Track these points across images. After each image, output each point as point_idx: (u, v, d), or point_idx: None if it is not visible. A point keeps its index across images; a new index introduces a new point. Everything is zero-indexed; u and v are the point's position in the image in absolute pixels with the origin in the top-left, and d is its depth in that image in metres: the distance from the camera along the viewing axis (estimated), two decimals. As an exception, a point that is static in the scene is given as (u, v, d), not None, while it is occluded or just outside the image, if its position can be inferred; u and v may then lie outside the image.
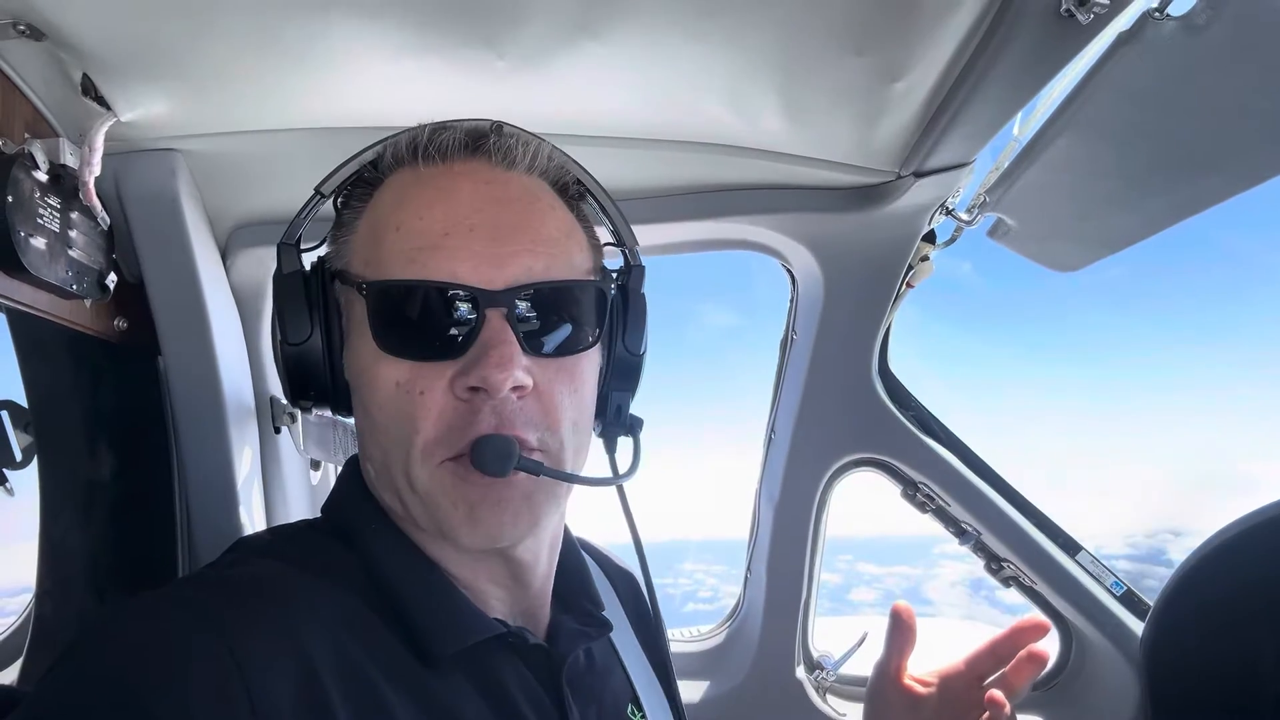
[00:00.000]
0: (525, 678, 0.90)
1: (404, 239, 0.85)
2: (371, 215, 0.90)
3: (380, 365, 0.85)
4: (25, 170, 1.13)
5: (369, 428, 0.89)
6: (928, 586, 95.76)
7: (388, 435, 0.85)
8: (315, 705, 0.72)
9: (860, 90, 1.19)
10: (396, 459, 0.85)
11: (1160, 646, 1.60)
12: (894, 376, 1.77)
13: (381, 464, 0.88)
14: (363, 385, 0.87)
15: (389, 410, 0.84)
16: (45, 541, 1.48)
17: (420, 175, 0.89)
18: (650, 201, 1.54)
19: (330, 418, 1.68)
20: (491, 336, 0.82)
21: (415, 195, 0.88)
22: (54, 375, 1.44)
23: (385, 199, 0.90)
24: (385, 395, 0.84)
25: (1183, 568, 1.55)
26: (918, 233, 1.53)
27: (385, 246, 0.86)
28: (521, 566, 0.94)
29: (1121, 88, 1.08)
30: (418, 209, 0.86)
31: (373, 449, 0.89)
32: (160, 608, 0.74)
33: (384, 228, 0.87)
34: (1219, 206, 1.26)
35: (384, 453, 0.87)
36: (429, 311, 0.83)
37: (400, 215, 0.87)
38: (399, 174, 0.91)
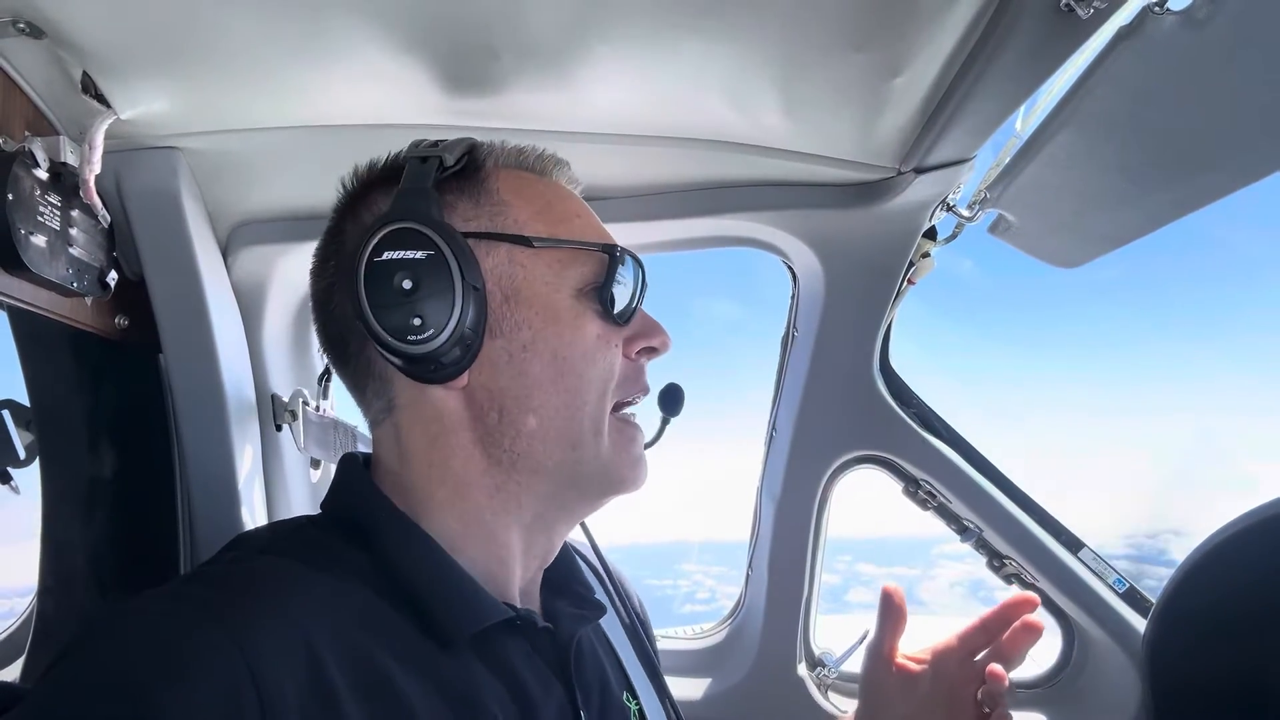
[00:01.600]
0: (534, 660, 0.92)
1: (586, 227, 0.99)
2: (528, 196, 0.98)
3: (585, 318, 0.94)
4: (25, 168, 1.13)
5: (555, 375, 0.93)
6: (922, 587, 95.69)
7: (584, 379, 0.93)
8: (324, 696, 0.72)
9: (860, 86, 1.19)
10: (588, 401, 0.94)
11: (1163, 644, 1.59)
12: (895, 373, 1.77)
13: (561, 410, 0.93)
14: (560, 334, 0.93)
15: (591, 357, 0.94)
16: (47, 539, 1.48)
17: (552, 184, 1.03)
18: (649, 199, 1.54)
19: (330, 417, 1.68)
20: (649, 313, 1.02)
21: (566, 194, 1.02)
22: (55, 373, 1.44)
23: (538, 189, 1.00)
24: (590, 345, 0.94)
25: (1185, 565, 1.55)
26: (919, 229, 1.53)
27: (575, 226, 0.98)
28: (558, 542, 1.03)
29: (1122, 83, 1.08)
30: (580, 206, 1.02)
31: (554, 396, 0.93)
32: (164, 604, 0.74)
33: (563, 211, 0.99)
34: (1221, 202, 1.26)
35: (573, 396, 0.93)
36: (636, 282, 0.99)
37: (571, 205, 1.01)
38: (521, 174, 1.01)
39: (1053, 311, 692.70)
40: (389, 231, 0.87)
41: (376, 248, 0.87)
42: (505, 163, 1.00)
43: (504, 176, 0.98)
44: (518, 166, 1.01)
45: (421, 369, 0.90)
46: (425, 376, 0.91)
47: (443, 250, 0.87)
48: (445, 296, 0.86)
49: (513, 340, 0.92)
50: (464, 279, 0.87)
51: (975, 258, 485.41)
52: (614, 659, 1.10)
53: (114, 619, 0.73)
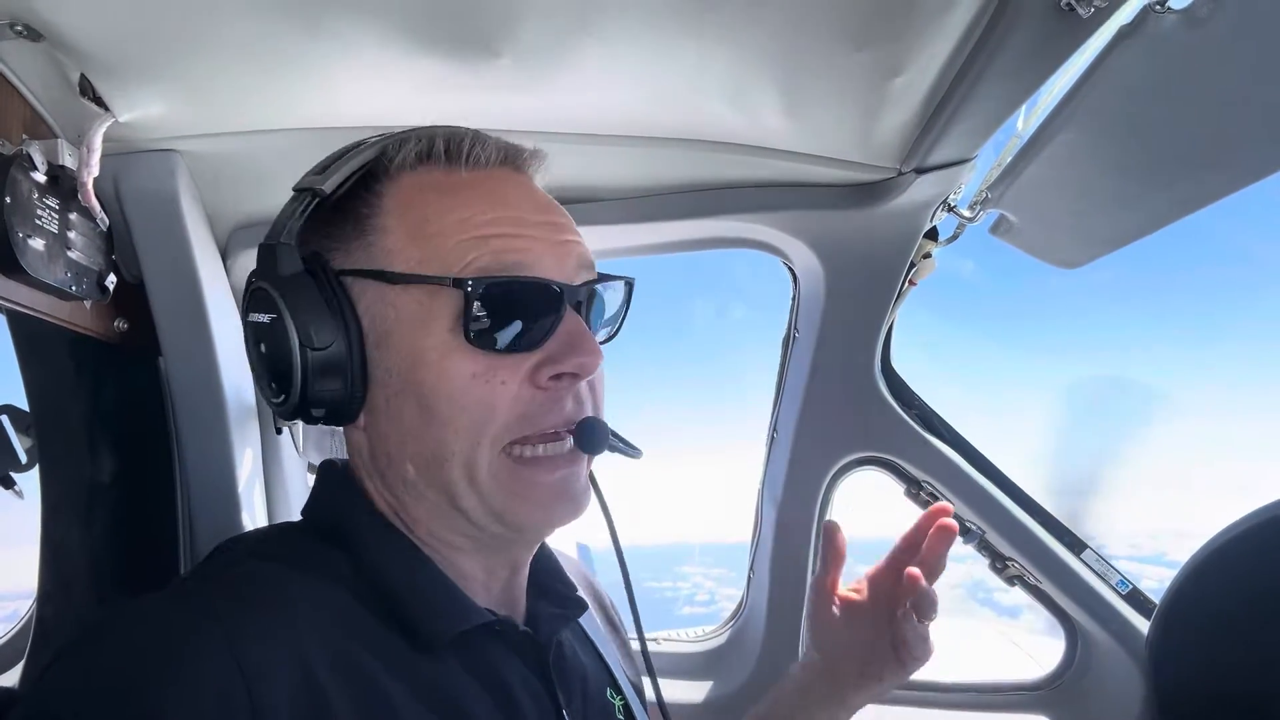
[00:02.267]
0: (515, 664, 0.91)
1: (473, 238, 0.86)
2: (409, 214, 0.88)
3: (452, 358, 0.85)
4: (23, 171, 1.13)
5: (422, 424, 0.86)
6: None
7: (450, 427, 0.85)
8: (313, 699, 0.72)
9: (861, 86, 1.19)
10: (457, 450, 0.85)
11: (1166, 645, 1.59)
12: (897, 374, 1.77)
13: (431, 461, 0.87)
14: (423, 380, 0.85)
15: (460, 401, 0.85)
16: (47, 543, 1.48)
17: (462, 179, 0.90)
18: (649, 200, 1.53)
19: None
20: (574, 327, 0.88)
21: (471, 196, 0.89)
22: (55, 377, 1.44)
23: (427, 198, 0.89)
24: (458, 386, 0.85)
25: (1188, 566, 1.54)
26: (920, 229, 1.52)
27: (450, 245, 0.86)
28: (525, 556, 0.98)
29: (1123, 82, 1.08)
30: (480, 208, 0.88)
31: (423, 445, 0.87)
32: (157, 608, 0.75)
33: (440, 226, 0.87)
34: (1223, 202, 1.26)
35: (440, 446, 0.86)
36: (523, 305, 0.86)
37: (459, 214, 0.87)
38: (428, 175, 0.90)
39: (1053, 312, 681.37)
40: (250, 292, 0.88)
41: (246, 308, 0.89)
42: (410, 163, 0.91)
43: (401, 186, 0.90)
44: (423, 162, 0.91)
45: (306, 419, 0.89)
46: (322, 420, 0.90)
47: (281, 314, 0.84)
48: (287, 362, 0.84)
49: (387, 387, 0.88)
50: (301, 344, 0.84)
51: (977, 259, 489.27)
52: (596, 657, 1.10)
53: (107, 622, 0.73)
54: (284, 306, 0.84)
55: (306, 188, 0.89)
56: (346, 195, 0.91)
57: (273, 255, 0.86)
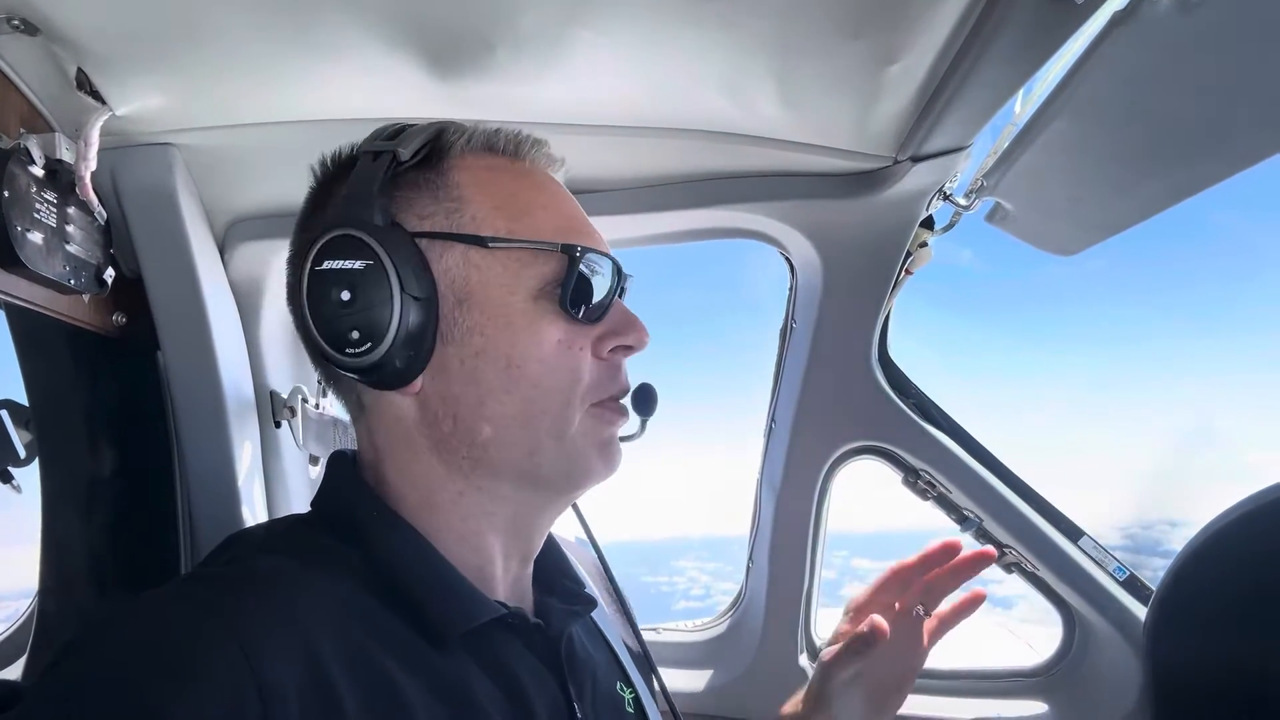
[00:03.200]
0: (527, 657, 0.91)
1: (556, 217, 0.94)
2: (490, 189, 0.93)
3: (542, 322, 0.90)
4: (21, 165, 1.13)
5: (508, 383, 0.89)
6: None
7: (540, 387, 0.89)
8: (323, 693, 0.72)
9: (856, 75, 1.19)
10: (548, 409, 0.90)
11: (1163, 631, 1.60)
12: (894, 364, 1.77)
13: (516, 418, 0.90)
14: (514, 341, 0.89)
15: (550, 364, 0.90)
16: (47, 538, 1.49)
17: (525, 168, 0.98)
18: (645, 191, 1.54)
19: (330, 414, 1.68)
20: (626, 307, 0.98)
21: (541, 183, 0.97)
22: (53, 371, 1.44)
23: (503, 179, 0.95)
24: (548, 351, 0.90)
25: (1185, 552, 1.55)
26: (916, 218, 1.53)
27: (538, 220, 0.92)
28: (538, 541, 1.01)
29: (1118, 68, 1.08)
30: (555, 193, 0.97)
31: (507, 405, 0.89)
32: (162, 603, 0.74)
33: (528, 202, 0.94)
34: (1218, 188, 1.26)
35: (529, 404, 0.89)
36: (603, 279, 0.94)
37: (542, 197, 0.96)
38: (494, 160, 0.96)
39: (1050, 301, 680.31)
40: (328, 240, 0.86)
41: (317, 256, 0.86)
42: (474, 148, 0.96)
43: (469, 166, 0.94)
44: (488, 150, 0.96)
45: (369, 377, 0.89)
46: (376, 383, 0.90)
47: (381, 260, 0.85)
48: (383, 309, 0.84)
49: (465, 346, 0.89)
50: (403, 290, 0.85)
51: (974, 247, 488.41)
52: (606, 650, 1.10)
53: (114, 618, 0.73)
54: (383, 252, 0.85)
55: (382, 150, 0.90)
56: (416, 166, 0.93)
57: (367, 203, 0.87)
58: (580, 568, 1.16)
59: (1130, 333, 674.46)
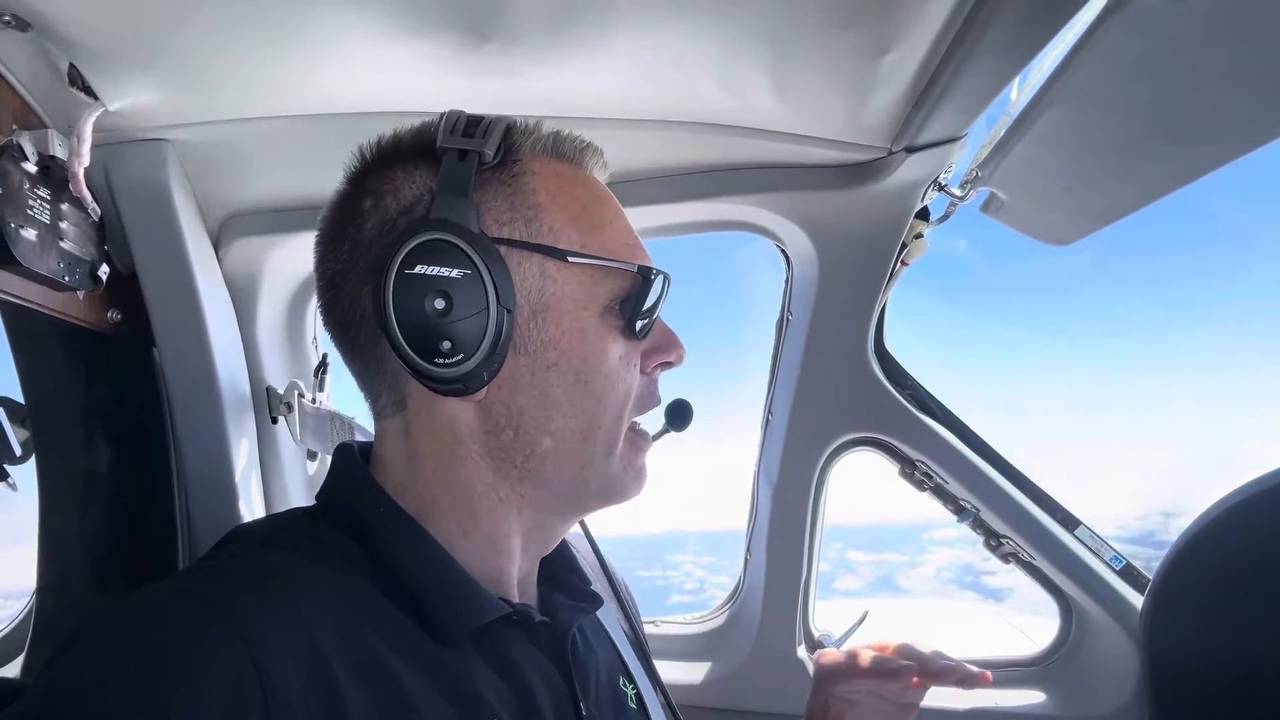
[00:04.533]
0: (533, 654, 0.91)
1: (620, 233, 0.94)
2: (562, 199, 0.90)
3: (608, 339, 0.90)
4: (14, 162, 1.13)
5: (575, 398, 0.89)
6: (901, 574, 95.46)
7: (603, 403, 0.90)
8: (327, 690, 0.71)
9: (850, 65, 1.19)
10: (604, 424, 0.91)
11: (1160, 620, 1.61)
12: (890, 355, 1.78)
13: (577, 433, 0.90)
14: (586, 357, 0.89)
15: (612, 379, 0.90)
16: (45, 535, 1.48)
17: (587, 179, 0.96)
18: (640, 184, 1.54)
19: (326, 409, 1.68)
20: (666, 324, 0.98)
21: (604, 195, 0.96)
22: (49, 368, 1.44)
23: (574, 189, 0.93)
24: (613, 367, 0.90)
25: (1181, 540, 1.56)
26: (911, 209, 1.53)
27: (606, 234, 0.92)
28: (556, 542, 1.02)
29: (1111, 57, 1.08)
30: (614, 208, 0.96)
31: (572, 419, 0.89)
32: (164, 598, 0.73)
33: (597, 216, 0.93)
34: (1213, 176, 1.26)
35: (590, 420, 0.90)
36: (658, 299, 0.94)
37: (605, 211, 0.94)
38: (561, 165, 0.94)
39: (1047, 290, 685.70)
40: (423, 243, 0.83)
41: (408, 259, 0.82)
42: (542, 151, 0.93)
43: (540, 171, 0.91)
44: (555, 156, 0.93)
45: (443, 385, 0.86)
46: (445, 390, 0.87)
47: (480, 271, 0.82)
48: (479, 321, 0.83)
49: (537, 359, 0.87)
50: (499, 303, 0.83)
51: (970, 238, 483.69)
52: (610, 646, 1.10)
53: (115, 613, 0.72)
54: (480, 262, 0.83)
55: (464, 149, 0.87)
56: (495, 165, 0.89)
57: (462, 209, 0.84)
58: (585, 564, 1.16)
59: (1127, 322, 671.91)
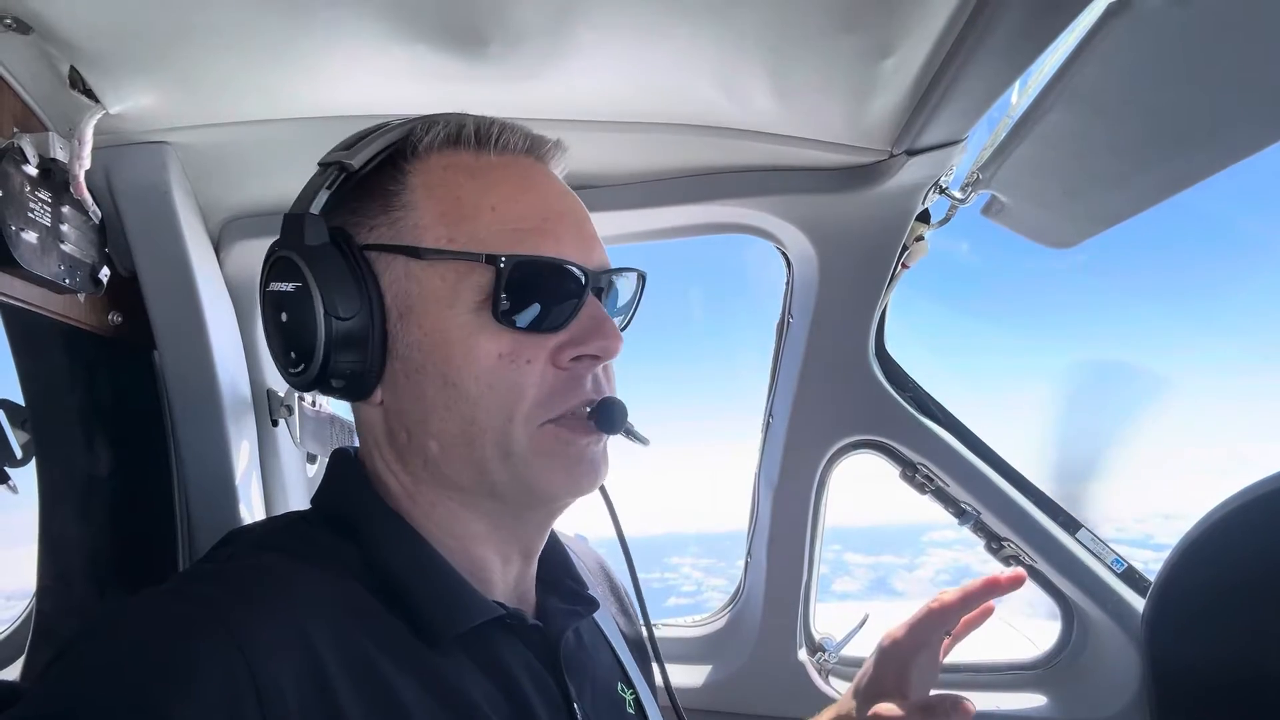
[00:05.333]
0: (525, 657, 0.91)
1: (503, 219, 0.88)
2: (439, 193, 0.89)
3: (479, 337, 0.86)
4: (15, 164, 1.13)
5: (452, 400, 0.87)
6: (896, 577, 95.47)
7: (480, 405, 0.86)
8: (322, 693, 0.72)
9: (850, 68, 1.19)
10: (490, 427, 0.87)
11: (1161, 623, 1.60)
12: (891, 358, 1.77)
13: (459, 437, 0.88)
14: (449, 357, 0.87)
15: (488, 380, 0.86)
16: (45, 537, 1.48)
17: (491, 162, 0.91)
18: (642, 186, 1.54)
19: (327, 412, 1.68)
20: (597, 311, 0.90)
21: (502, 179, 0.90)
22: (50, 371, 1.44)
23: (457, 179, 0.90)
24: (485, 365, 0.86)
25: (1183, 543, 1.55)
26: (912, 212, 1.53)
27: (480, 224, 0.87)
28: (538, 540, 0.99)
29: (1112, 60, 1.08)
30: (511, 192, 0.90)
31: (448, 423, 0.88)
32: (161, 602, 0.74)
33: (473, 206, 0.88)
34: (1214, 180, 1.26)
35: (469, 424, 0.87)
36: (551, 286, 0.88)
37: (490, 197, 0.89)
38: (456, 157, 0.91)
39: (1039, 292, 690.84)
40: (273, 261, 0.89)
41: (267, 277, 0.90)
42: (441, 145, 0.92)
43: (429, 167, 0.91)
44: (452, 146, 0.92)
45: (324, 391, 0.91)
46: (337, 395, 0.92)
47: (307, 282, 0.85)
48: (310, 331, 0.85)
49: (408, 362, 0.88)
50: (326, 312, 0.85)
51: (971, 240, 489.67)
52: (608, 650, 1.10)
53: (112, 619, 0.72)
54: (310, 275, 0.85)
55: (333, 161, 0.90)
56: (373, 172, 0.91)
57: (298, 225, 0.87)
58: (584, 568, 1.16)
59: (1128, 325, 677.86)
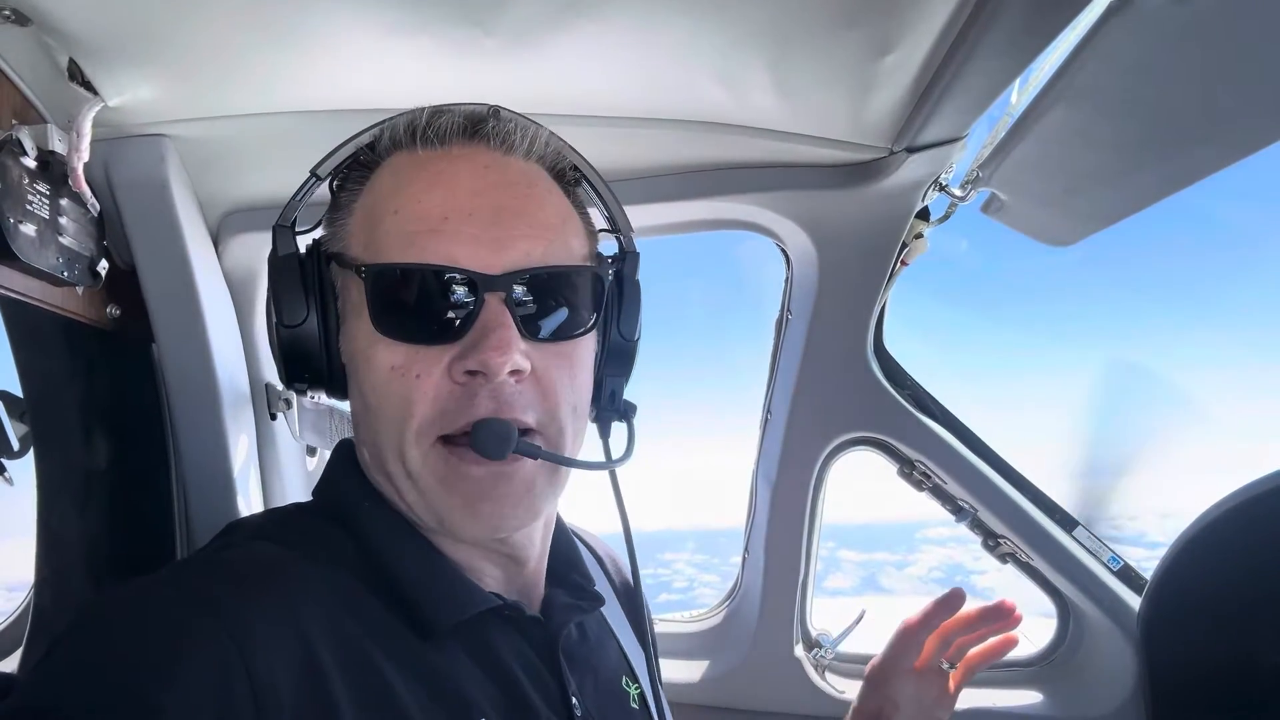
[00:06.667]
0: (522, 650, 0.91)
1: (402, 222, 0.85)
2: (368, 198, 0.90)
3: (376, 349, 0.85)
4: (13, 156, 1.13)
5: (364, 410, 0.89)
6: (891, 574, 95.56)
7: (381, 418, 0.86)
8: (314, 683, 0.72)
9: (851, 64, 1.19)
10: (390, 441, 0.85)
11: (1157, 621, 1.61)
12: (889, 355, 1.77)
13: (375, 447, 0.88)
14: (359, 368, 0.87)
15: (383, 393, 0.85)
16: (43, 530, 1.48)
17: (418, 159, 0.89)
18: (641, 182, 1.54)
19: (326, 404, 1.68)
20: (490, 320, 0.82)
21: (413, 179, 0.87)
22: (48, 364, 1.44)
23: (383, 182, 0.90)
24: (380, 378, 0.84)
25: (1179, 542, 1.56)
26: (911, 209, 1.52)
27: (383, 230, 0.86)
28: (518, 548, 0.95)
29: (1113, 58, 1.07)
30: (416, 193, 0.86)
31: (366, 432, 0.90)
32: (154, 592, 0.74)
33: (382, 211, 0.87)
34: (1215, 178, 1.26)
35: (377, 435, 0.87)
36: (427, 295, 0.83)
37: (398, 200, 0.86)
38: (396, 157, 0.91)
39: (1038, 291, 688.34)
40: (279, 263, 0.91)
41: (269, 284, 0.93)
42: (393, 145, 0.91)
43: (381, 172, 0.91)
44: (401, 147, 0.91)
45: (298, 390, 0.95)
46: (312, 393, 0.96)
47: (272, 290, 0.90)
48: (270, 336, 0.92)
49: (347, 369, 0.92)
50: (278, 320, 0.90)
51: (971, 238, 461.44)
52: (615, 645, 1.10)
53: (104, 608, 0.72)
54: (273, 283, 0.90)
55: (313, 172, 0.93)
56: (343, 179, 0.93)
57: (281, 233, 0.91)
58: (595, 564, 1.16)
59: (1127, 323, 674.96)
